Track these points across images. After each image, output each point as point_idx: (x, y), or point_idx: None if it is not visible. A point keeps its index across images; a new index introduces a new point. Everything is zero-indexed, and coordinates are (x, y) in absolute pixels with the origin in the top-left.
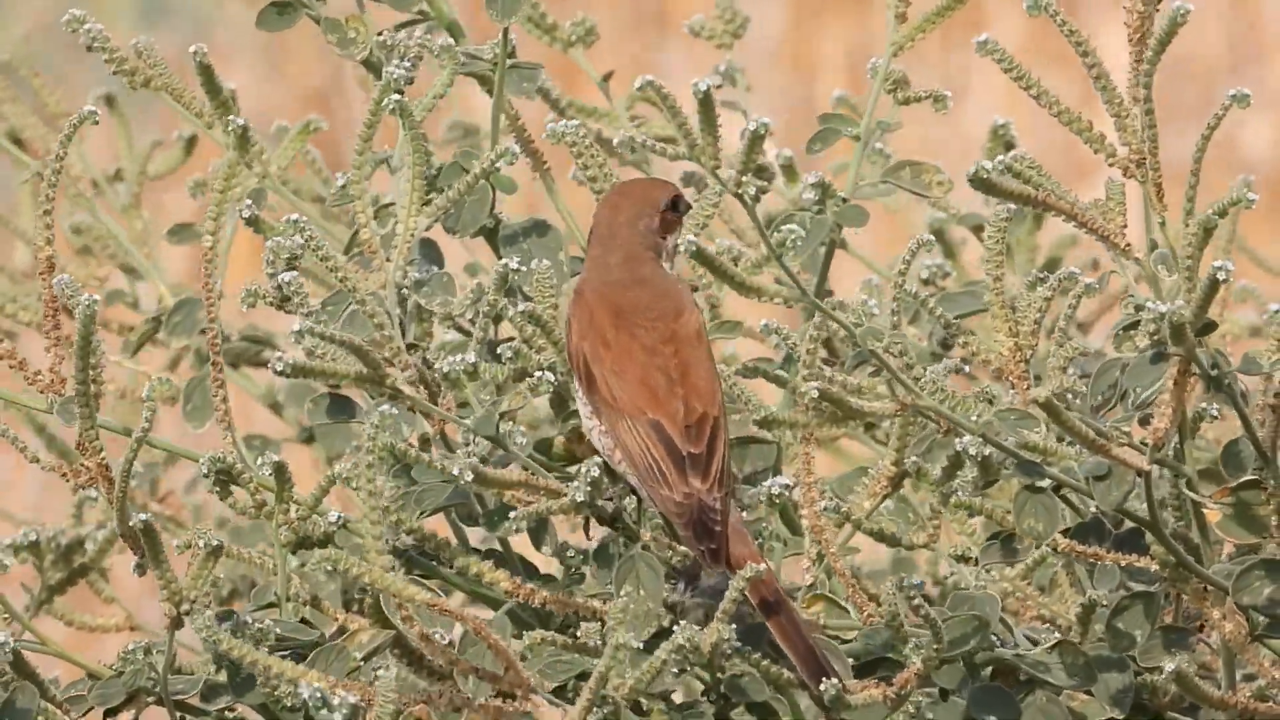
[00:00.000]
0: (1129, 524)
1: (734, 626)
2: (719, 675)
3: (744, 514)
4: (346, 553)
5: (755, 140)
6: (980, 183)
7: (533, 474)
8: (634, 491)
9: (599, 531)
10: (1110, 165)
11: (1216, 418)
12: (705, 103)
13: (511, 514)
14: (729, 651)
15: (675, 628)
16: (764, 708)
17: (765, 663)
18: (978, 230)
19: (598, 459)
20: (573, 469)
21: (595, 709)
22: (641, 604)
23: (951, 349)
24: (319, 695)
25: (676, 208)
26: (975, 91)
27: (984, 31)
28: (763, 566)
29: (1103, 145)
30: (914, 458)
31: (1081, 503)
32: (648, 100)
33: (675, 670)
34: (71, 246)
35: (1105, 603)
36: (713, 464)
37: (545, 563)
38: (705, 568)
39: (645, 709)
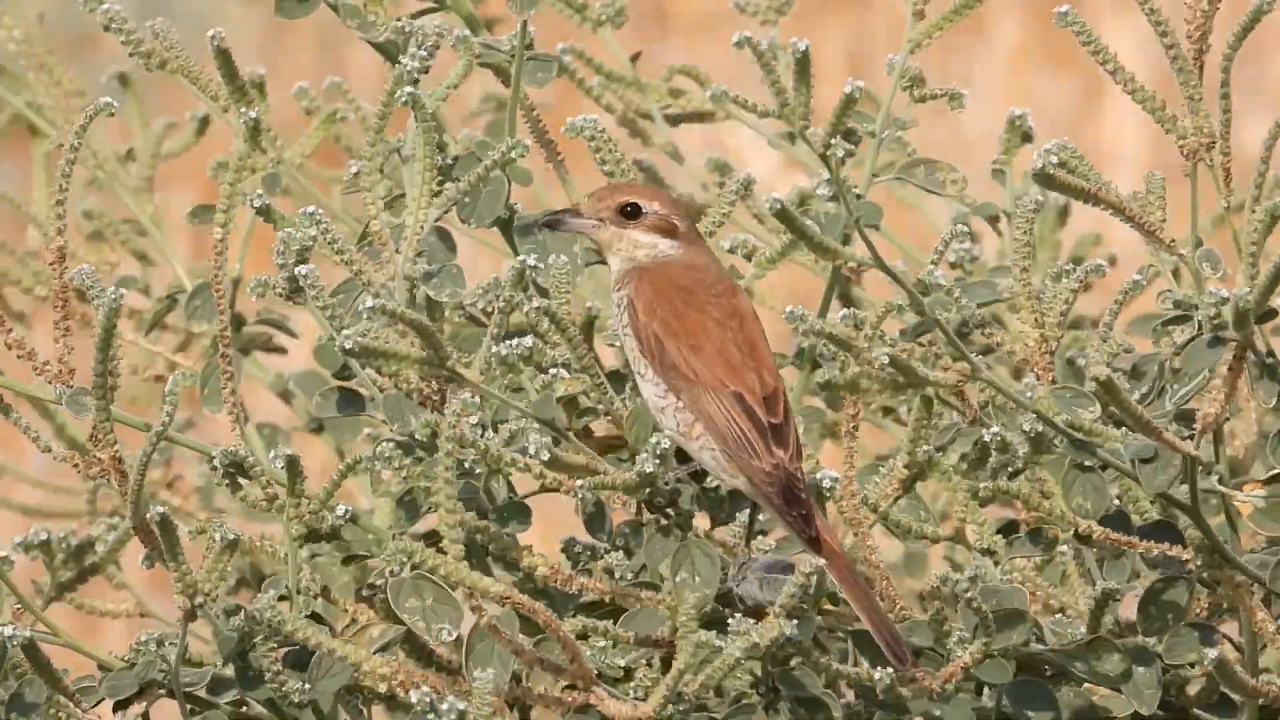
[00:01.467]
0: (1151, 518)
1: (794, 621)
2: (769, 668)
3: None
4: (421, 546)
5: (848, 103)
6: (1043, 178)
7: (590, 460)
8: (695, 475)
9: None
10: (1181, 150)
11: (1269, 407)
12: (802, 62)
13: (579, 483)
14: (784, 645)
15: (731, 620)
16: (816, 702)
17: (817, 655)
18: (993, 221)
19: (664, 435)
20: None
21: (669, 705)
22: (700, 591)
23: (968, 336)
24: (428, 700)
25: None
26: (978, 93)
27: (983, 33)
28: (822, 562)
29: (1175, 127)
30: (927, 448)
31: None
32: (674, 91)
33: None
34: (82, 232)
35: (1118, 596)
36: (790, 434)
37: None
38: (797, 538)
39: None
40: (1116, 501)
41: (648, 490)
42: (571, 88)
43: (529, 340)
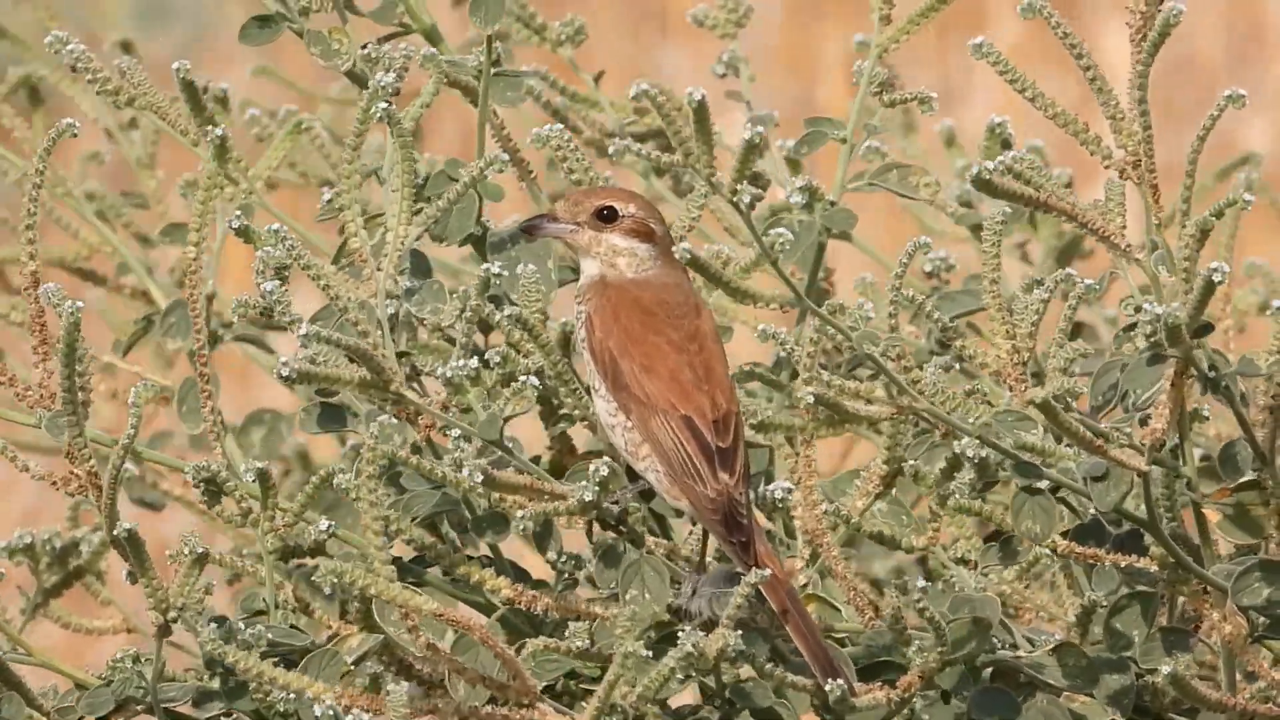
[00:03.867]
0: (1128, 525)
1: (739, 632)
2: (722, 680)
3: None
4: (352, 565)
5: (750, 149)
6: (981, 183)
7: (537, 478)
8: (643, 495)
9: (601, 536)
10: (1106, 167)
11: (1207, 418)
12: (700, 111)
13: (520, 513)
14: (733, 656)
15: (680, 633)
16: (768, 713)
17: (769, 667)
18: (976, 230)
19: (605, 460)
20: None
21: (605, 717)
22: (647, 608)
23: (949, 347)
24: (332, 712)
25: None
26: (975, 93)
27: (983, 34)
28: (767, 572)
29: (1099, 147)
30: (911, 460)
31: (1080, 504)
32: (640, 110)
33: (680, 677)
34: (83, 214)
35: (1104, 604)
36: (738, 459)
37: (534, 568)
38: (736, 563)
39: (641, 713)
40: (1093, 512)
41: (593, 510)
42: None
43: (474, 362)
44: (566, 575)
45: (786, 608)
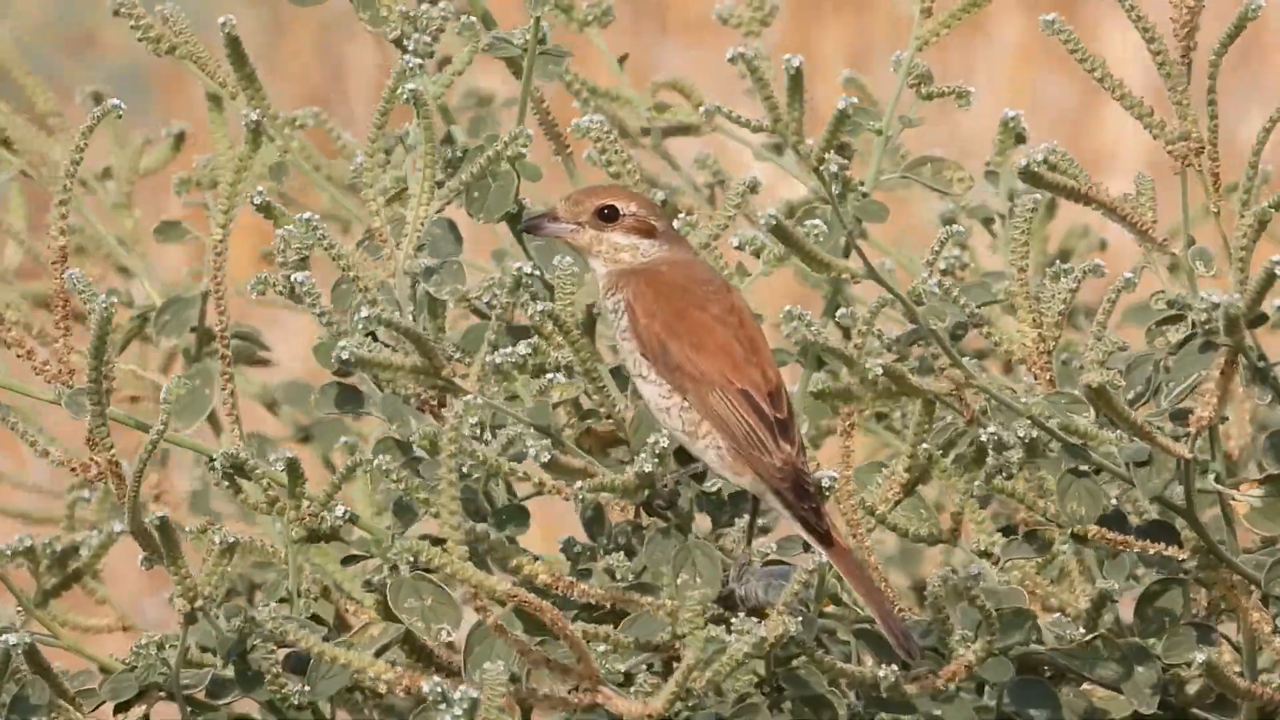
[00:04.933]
0: (1147, 516)
1: (799, 619)
2: (774, 667)
3: None
4: (428, 544)
5: (841, 119)
6: (1030, 176)
7: (589, 464)
8: (696, 477)
9: (645, 521)
10: (1170, 154)
11: (1227, 419)
12: (795, 78)
13: (579, 484)
14: (787, 643)
15: (735, 620)
16: (820, 700)
17: (820, 654)
18: (987, 223)
19: (663, 433)
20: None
21: (678, 701)
22: (702, 592)
23: (962, 339)
24: (439, 691)
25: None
26: (977, 91)
27: (984, 32)
28: (824, 558)
29: (1163, 132)
30: (927, 446)
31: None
32: (659, 105)
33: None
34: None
35: (1116, 595)
36: (795, 430)
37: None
38: (805, 533)
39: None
40: (1114, 501)
41: (646, 493)
42: (560, 91)
43: (523, 348)
44: (580, 565)
45: (855, 574)
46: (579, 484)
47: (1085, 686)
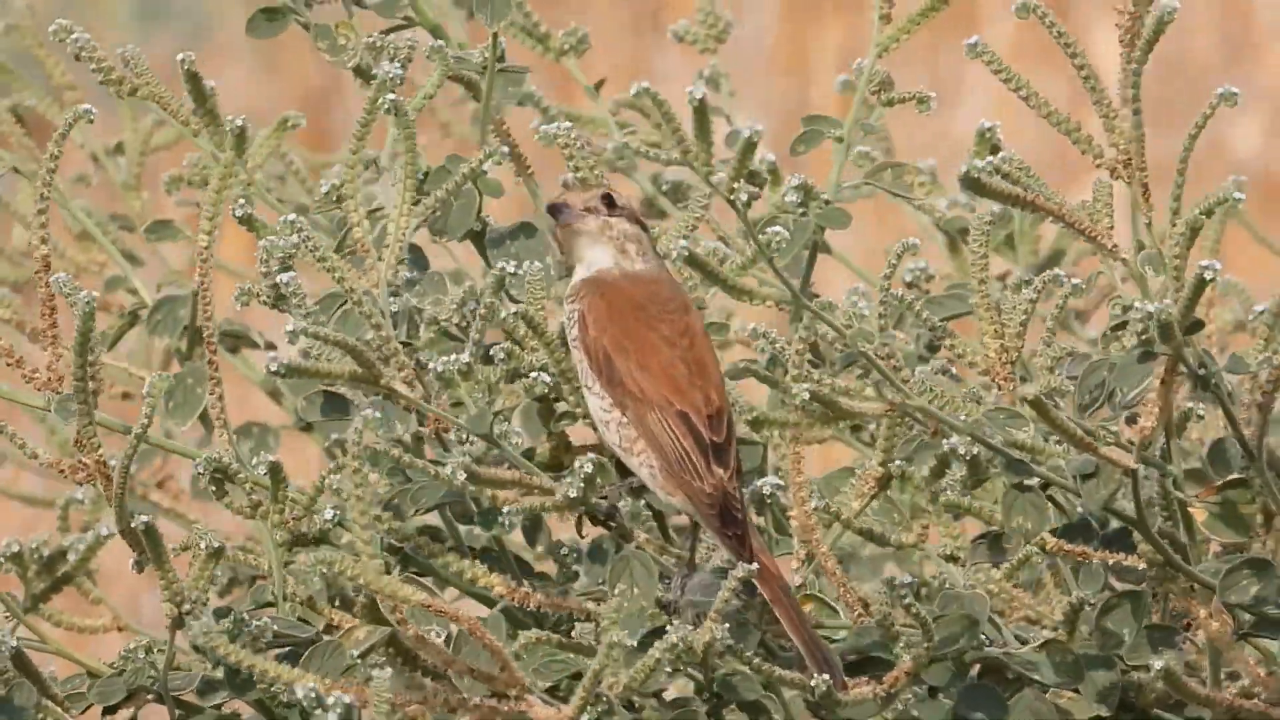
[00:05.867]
0: (1116, 524)
1: (726, 625)
2: (711, 674)
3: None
4: (342, 554)
5: (748, 148)
6: (970, 183)
7: (526, 473)
8: (635, 490)
9: (592, 531)
10: (1098, 166)
11: (1203, 417)
12: (700, 110)
13: (506, 509)
14: (722, 650)
15: (669, 627)
16: (755, 706)
17: (757, 661)
18: (963, 233)
19: (591, 456)
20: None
21: (590, 707)
22: (636, 602)
23: (938, 351)
24: (313, 695)
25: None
26: (968, 93)
27: (976, 33)
28: (756, 566)
29: (1090, 146)
30: (899, 460)
31: (1068, 502)
32: (638, 108)
33: (669, 669)
34: (71, 232)
35: (1091, 603)
36: (732, 454)
37: (541, 559)
38: (731, 556)
39: (638, 706)
40: (1081, 510)
41: (582, 505)
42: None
43: (465, 356)
44: (567, 568)
45: (780, 599)
46: (507, 508)
47: (1052, 691)
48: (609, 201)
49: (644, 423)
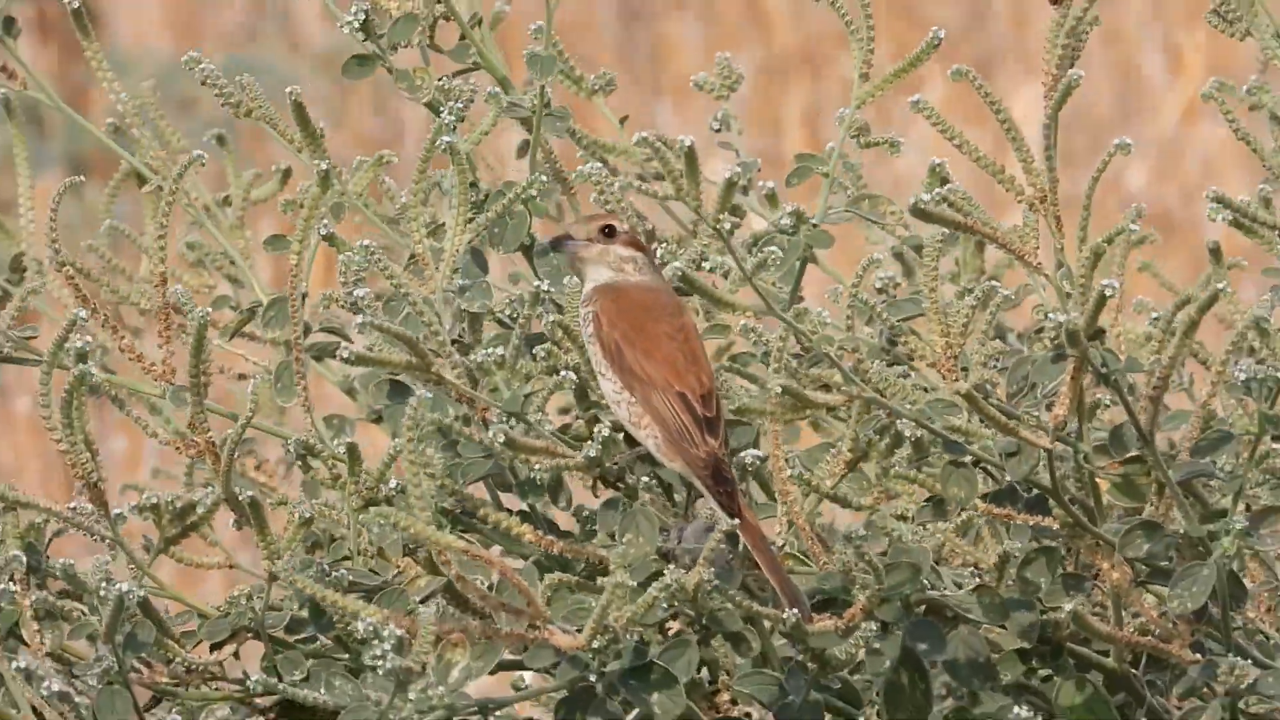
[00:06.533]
0: (1035, 492)
1: (714, 569)
2: (701, 610)
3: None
4: (397, 509)
5: (729, 187)
6: (919, 212)
7: (551, 443)
8: (643, 458)
9: (605, 492)
10: (1019, 202)
11: (1110, 405)
12: (689, 156)
13: (536, 466)
14: (709, 590)
15: (665, 570)
16: (738, 636)
17: (738, 598)
18: (918, 250)
19: (608, 422)
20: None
21: (599, 636)
22: (641, 549)
23: (896, 346)
24: (371, 627)
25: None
26: (910, 142)
27: (917, 92)
28: (737, 521)
29: (1012, 185)
30: (866, 433)
31: (999, 473)
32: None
33: (665, 606)
34: (186, 260)
35: (1017, 553)
36: (720, 427)
37: (565, 523)
38: (715, 514)
39: (644, 639)
40: (1008, 480)
41: (599, 469)
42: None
43: (501, 350)
44: (588, 527)
45: (759, 546)
46: (537, 464)
47: (984, 628)
48: (607, 231)
49: (649, 402)
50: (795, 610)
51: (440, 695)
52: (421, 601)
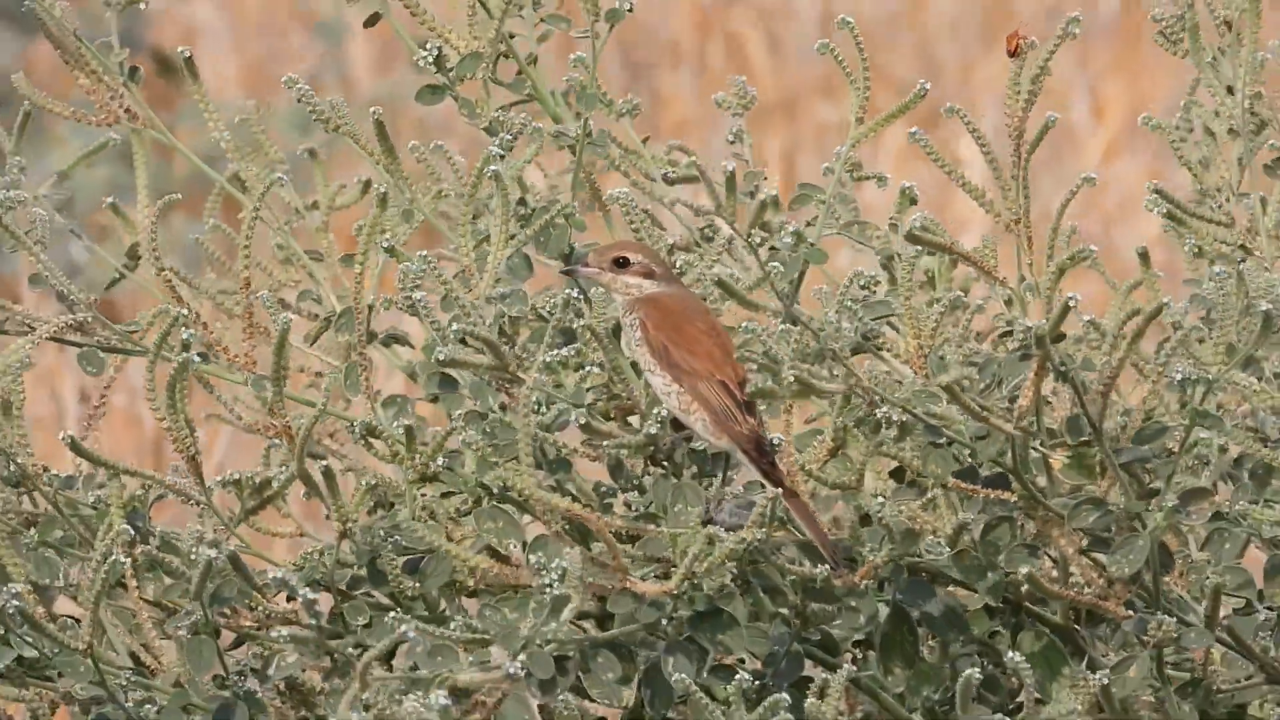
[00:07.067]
0: (996, 469)
1: (761, 532)
2: (744, 566)
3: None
4: (510, 470)
5: (763, 206)
6: (911, 236)
7: (615, 429)
8: (687, 440)
9: (655, 471)
10: (997, 222)
11: (1050, 403)
12: (730, 179)
13: (606, 443)
14: (756, 549)
15: (720, 534)
16: (775, 589)
17: (775, 557)
18: (890, 260)
19: (663, 409)
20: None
21: (685, 581)
22: (689, 517)
23: (870, 341)
24: (541, 561)
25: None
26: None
27: (879, 139)
28: (780, 491)
29: (992, 208)
30: (849, 420)
31: (961, 456)
32: (684, 172)
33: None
34: (276, 258)
35: (970, 524)
36: (755, 409)
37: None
38: (763, 478)
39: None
40: (970, 459)
41: (651, 449)
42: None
43: (567, 350)
44: (607, 502)
45: (804, 511)
46: (605, 443)
47: (951, 587)
48: (620, 263)
49: (697, 390)
50: (825, 567)
51: (561, 626)
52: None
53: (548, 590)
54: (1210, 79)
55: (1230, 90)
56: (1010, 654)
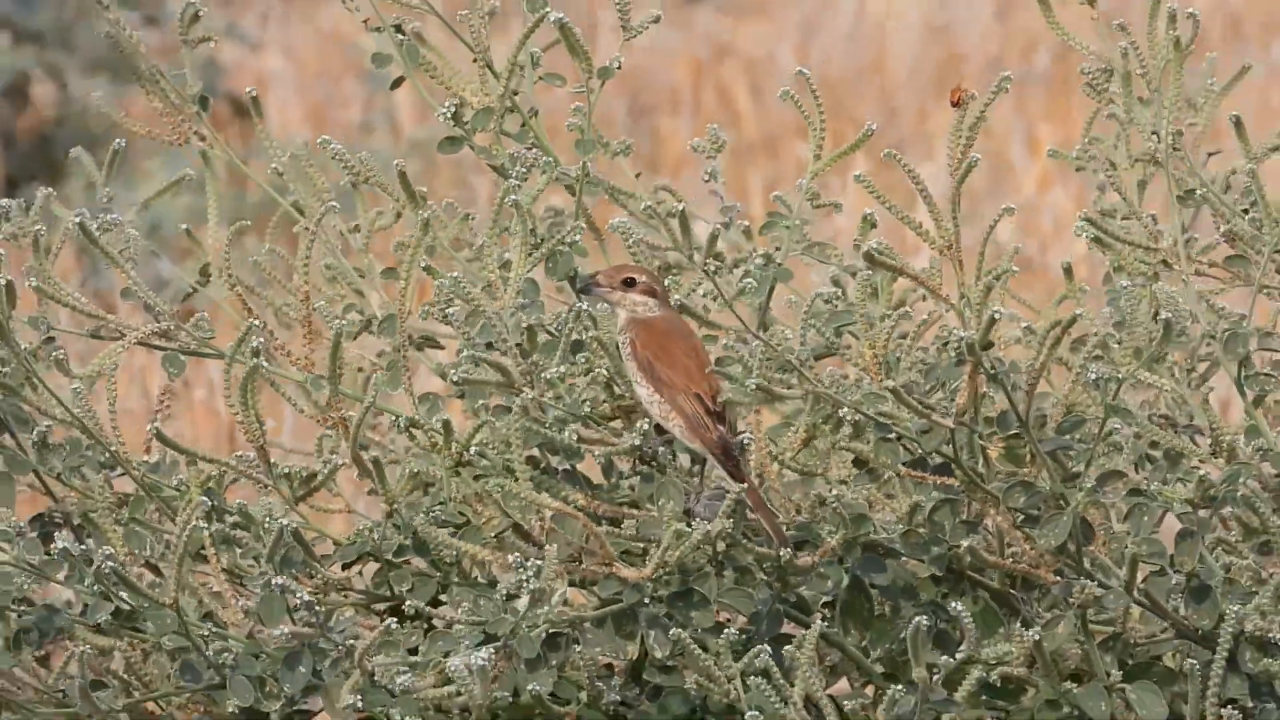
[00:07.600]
0: (941, 459)
1: (730, 522)
2: (717, 551)
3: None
4: (505, 478)
5: (713, 239)
6: (869, 258)
7: (606, 435)
8: (669, 443)
9: (641, 468)
10: (931, 248)
11: (993, 398)
12: (683, 219)
13: (597, 451)
14: (726, 536)
15: (694, 524)
16: (745, 569)
17: (745, 543)
18: (853, 274)
19: (648, 420)
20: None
21: (660, 568)
22: (671, 509)
23: (832, 352)
24: (520, 559)
25: (630, 283)
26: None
27: (849, 169)
28: (744, 487)
29: (927, 236)
30: (818, 418)
31: (913, 447)
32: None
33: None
34: (324, 276)
35: (924, 504)
36: (727, 418)
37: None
38: (726, 481)
39: (682, 572)
40: (920, 452)
41: (638, 451)
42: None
43: (563, 368)
44: (615, 489)
45: (759, 504)
46: (596, 451)
47: (903, 560)
48: (628, 282)
49: (675, 401)
50: (786, 550)
51: (549, 611)
52: (495, 537)
53: (525, 585)
54: (1141, 119)
55: (1155, 133)
56: (954, 604)
